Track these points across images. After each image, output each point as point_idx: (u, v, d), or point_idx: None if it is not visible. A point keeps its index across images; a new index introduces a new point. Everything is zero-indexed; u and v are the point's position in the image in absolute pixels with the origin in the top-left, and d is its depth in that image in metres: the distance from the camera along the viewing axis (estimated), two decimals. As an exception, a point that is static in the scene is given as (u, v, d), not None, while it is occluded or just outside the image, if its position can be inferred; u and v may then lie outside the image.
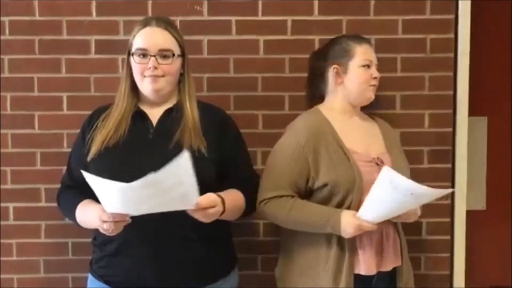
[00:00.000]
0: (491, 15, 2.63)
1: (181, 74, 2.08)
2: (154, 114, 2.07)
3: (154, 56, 1.99)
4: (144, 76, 2.01)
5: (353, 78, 2.16)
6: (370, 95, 2.19)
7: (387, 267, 2.09)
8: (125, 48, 2.08)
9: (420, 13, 2.46)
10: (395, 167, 1.99)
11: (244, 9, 2.46)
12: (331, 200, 2.07)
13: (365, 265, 2.05)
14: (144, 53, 2.01)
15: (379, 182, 1.92)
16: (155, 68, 1.99)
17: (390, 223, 2.08)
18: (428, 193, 1.92)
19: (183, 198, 1.79)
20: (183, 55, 2.07)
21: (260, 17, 2.47)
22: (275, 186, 2.08)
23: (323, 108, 2.21)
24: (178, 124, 2.02)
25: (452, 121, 2.50)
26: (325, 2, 2.46)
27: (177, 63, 2.04)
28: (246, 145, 2.21)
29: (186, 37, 2.13)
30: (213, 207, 1.87)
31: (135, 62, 2.02)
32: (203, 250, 2.01)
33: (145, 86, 2.03)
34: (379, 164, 2.08)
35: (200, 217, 1.87)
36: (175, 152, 1.77)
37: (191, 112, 2.04)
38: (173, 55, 2.02)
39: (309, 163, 2.06)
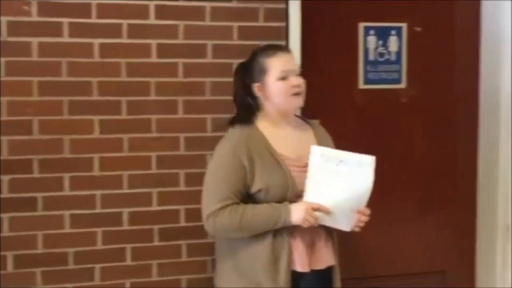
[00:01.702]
0: (320, 24, 2.80)
1: None
2: None
3: None
4: None
5: (274, 92, 2.20)
6: (296, 103, 2.23)
7: (320, 265, 2.18)
8: None
9: (253, 20, 2.56)
10: None
11: (77, 11, 2.39)
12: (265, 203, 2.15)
13: (300, 262, 2.14)
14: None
15: (312, 160, 2.10)
16: None
17: (321, 225, 2.16)
18: (354, 158, 2.09)
19: None
20: None
21: (94, 20, 2.41)
22: (221, 197, 2.12)
23: (257, 119, 2.25)
24: None
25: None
26: (161, 7, 2.46)
27: None
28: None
29: (13, 39, 2.02)
30: None
31: None
32: None
33: None
34: None
35: None
36: None
37: None
38: None
39: (246, 169, 2.12)
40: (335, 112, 2.87)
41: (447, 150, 3.03)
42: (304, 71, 2.59)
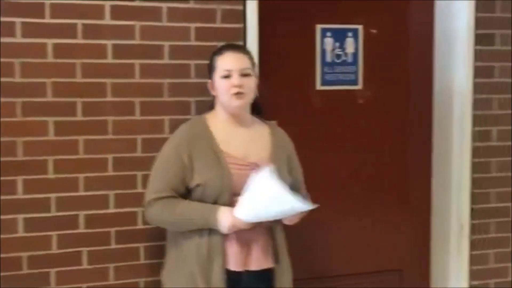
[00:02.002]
0: (277, 26, 2.81)
1: None
2: None
3: None
4: None
5: (218, 89, 2.25)
6: (235, 104, 2.23)
7: (255, 266, 2.20)
8: None
9: (210, 21, 2.55)
10: None
11: (29, 11, 2.34)
12: (205, 200, 2.18)
13: (233, 261, 2.17)
14: None
15: (252, 181, 2.09)
16: None
17: (261, 227, 2.19)
18: (293, 203, 2.09)
19: None
20: None
21: (48, 20, 2.37)
22: (158, 188, 2.19)
23: (210, 115, 2.30)
24: None
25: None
26: (116, 7, 2.44)
27: None
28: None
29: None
30: None
31: None
32: None
33: None
34: (254, 169, 2.18)
35: None
36: None
37: None
38: None
39: (185, 165, 2.17)
40: (293, 113, 2.89)
41: (402, 151, 3.08)
42: (262, 72, 2.63)
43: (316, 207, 2.14)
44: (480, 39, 2.92)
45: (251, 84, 2.25)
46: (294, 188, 2.25)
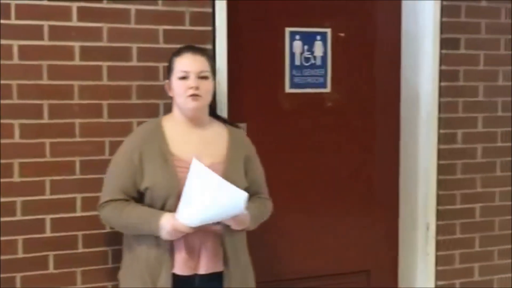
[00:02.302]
0: (246, 29, 2.82)
1: None
2: None
3: None
4: None
5: (175, 91, 2.24)
6: (190, 105, 2.22)
7: (204, 270, 2.20)
8: None
9: (179, 24, 2.54)
10: (226, 177, 2.13)
11: (-6, 12, 2.31)
12: (154, 204, 2.19)
13: (182, 266, 2.18)
14: None
15: (189, 177, 2.09)
16: None
17: (210, 232, 2.18)
18: (226, 188, 2.07)
19: None
20: None
21: (13, 21, 2.33)
22: (111, 191, 2.21)
23: (166, 117, 2.32)
24: None
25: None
26: (84, 8, 2.41)
27: None
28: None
29: None
30: None
31: None
32: None
33: None
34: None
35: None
36: None
37: None
38: None
39: (136, 168, 2.18)
40: (262, 116, 2.90)
41: (370, 152, 3.11)
42: (231, 75, 2.63)
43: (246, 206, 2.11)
44: (445, 43, 2.97)
45: (208, 87, 2.24)
46: (251, 190, 2.26)
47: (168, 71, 2.28)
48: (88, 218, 2.47)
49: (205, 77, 2.23)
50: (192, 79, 2.21)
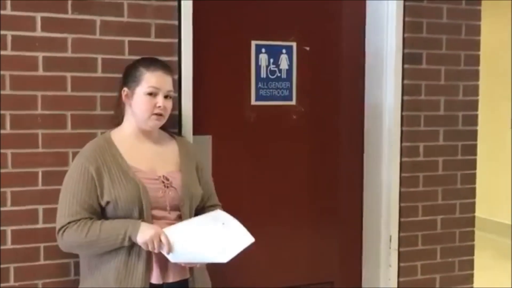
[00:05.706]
0: (212, 41, 2.84)
1: None
2: None
3: None
4: None
5: (138, 104, 2.23)
6: (153, 124, 2.24)
7: (172, 278, 2.19)
8: None
9: (145, 35, 2.55)
10: (183, 185, 2.23)
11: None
12: (116, 216, 2.16)
13: (152, 275, 2.16)
14: None
15: (206, 216, 2.24)
16: None
17: None
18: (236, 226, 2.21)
19: None
20: None
21: (-25, 30, 2.32)
22: (69, 213, 2.14)
23: (116, 130, 2.30)
24: None
25: (179, 140, 2.62)
26: (48, 19, 2.40)
27: None
28: None
29: None
30: None
31: None
32: None
33: None
34: (164, 181, 2.21)
35: None
36: None
37: None
38: None
39: (95, 184, 2.14)
40: (227, 128, 2.91)
41: (333, 164, 3.15)
42: (196, 87, 2.64)
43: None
44: (408, 58, 3.03)
45: (170, 106, 2.28)
46: (205, 197, 2.32)
47: (130, 80, 2.26)
48: (50, 230, 2.43)
49: (169, 96, 2.26)
50: (161, 98, 2.22)
